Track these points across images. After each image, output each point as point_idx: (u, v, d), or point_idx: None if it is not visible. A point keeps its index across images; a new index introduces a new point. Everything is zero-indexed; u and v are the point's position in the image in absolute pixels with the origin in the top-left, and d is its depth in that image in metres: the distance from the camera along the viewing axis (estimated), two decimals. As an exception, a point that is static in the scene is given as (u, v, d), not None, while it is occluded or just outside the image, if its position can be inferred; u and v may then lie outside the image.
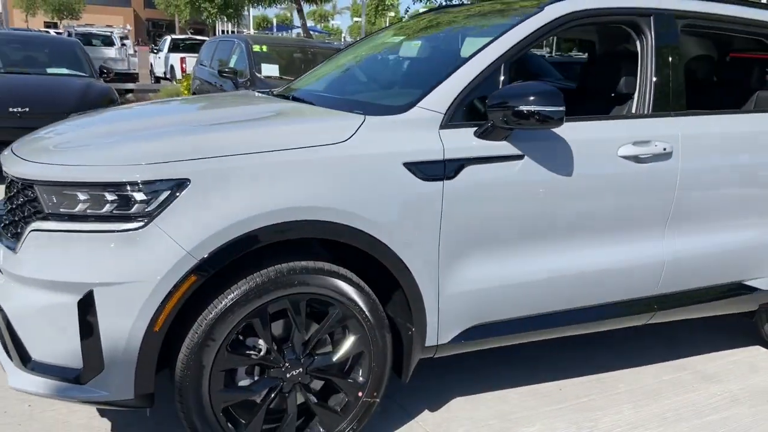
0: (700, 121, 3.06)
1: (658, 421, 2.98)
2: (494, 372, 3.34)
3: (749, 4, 3.35)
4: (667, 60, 3.01)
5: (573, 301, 2.89)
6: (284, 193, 2.25)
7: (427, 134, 2.50)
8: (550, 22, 2.81)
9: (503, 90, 2.55)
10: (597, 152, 2.79)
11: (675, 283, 3.09)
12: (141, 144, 2.33)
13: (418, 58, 3.27)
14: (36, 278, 2.14)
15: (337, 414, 2.52)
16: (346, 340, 2.49)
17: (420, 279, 2.51)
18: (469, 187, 2.54)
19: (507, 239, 2.67)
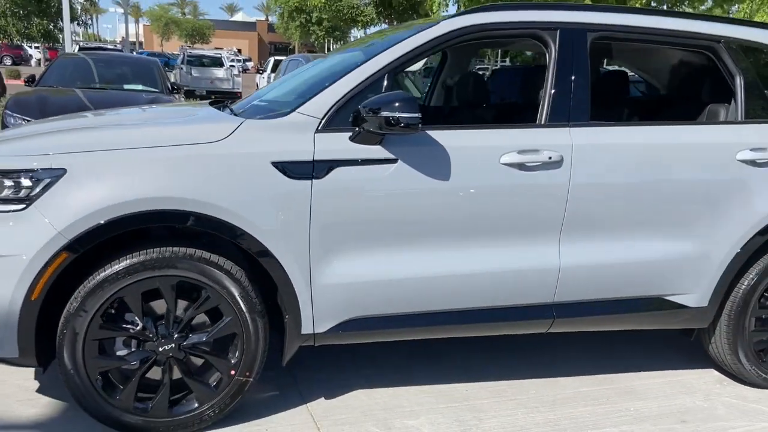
0: (601, 133, 3.09)
1: (548, 427, 3.01)
2: (405, 369, 3.47)
3: (670, 14, 3.33)
4: (570, 72, 3.07)
5: (458, 302, 2.99)
6: (151, 184, 2.56)
7: (301, 137, 2.73)
8: (442, 35, 2.97)
9: (372, 98, 2.74)
10: (477, 159, 2.90)
11: (574, 292, 3.11)
12: (41, 139, 2.73)
13: (326, 70, 3.49)
14: None
15: (210, 389, 2.78)
16: (219, 322, 2.74)
17: (290, 270, 2.74)
18: (340, 187, 2.74)
19: (381, 238, 2.84)
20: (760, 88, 3.32)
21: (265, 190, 2.67)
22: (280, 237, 2.70)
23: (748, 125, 3.29)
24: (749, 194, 3.21)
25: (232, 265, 2.71)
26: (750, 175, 3.20)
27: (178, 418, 2.75)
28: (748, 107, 3.29)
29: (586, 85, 3.10)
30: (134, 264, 2.57)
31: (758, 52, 3.39)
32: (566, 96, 3.06)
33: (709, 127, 3.33)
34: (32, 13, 17.72)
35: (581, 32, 3.13)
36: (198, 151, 2.63)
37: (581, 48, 3.11)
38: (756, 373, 3.43)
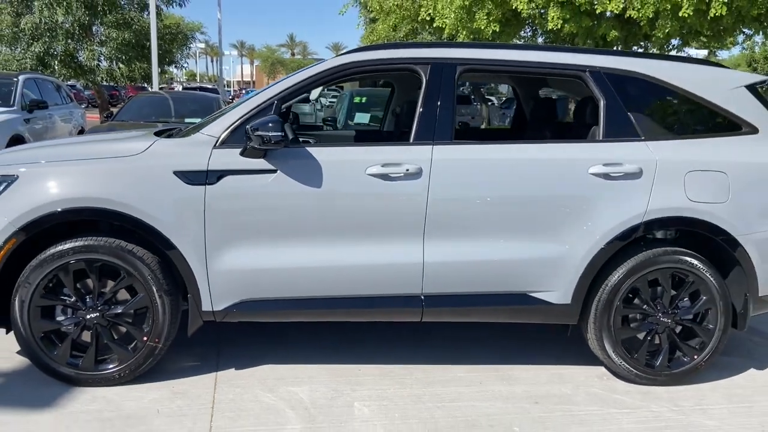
0: (461, 149, 3.62)
1: (410, 399, 3.52)
2: (322, 351, 4.07)
3: (539, 47, 3.83)
4: (436, 99, 3.64)
5: (336, 290, 3.59)
6: (81, 187, 3.37)
7: (200, 151, 3.47)
8: (327, 70, 3.65)
9: (255, 121, 3.43)
10: (346, 171, 3.52)
11: (440, 285, 3.62)
12: (12, 154, 3.62)
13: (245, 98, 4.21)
14: None
15: (128, 351, 3.52)
16: (134, 298, 3.49)
17: (189, 257, 3.46)
18: (228, 192, 3.45)
19: (264, 235, 3.50)
20: (619, 110, 3.73)
21: (167, 194, 3.41)
22: (179, 231, 3.42)
23: (603, 143, 3.71)
24: (603, 203, 3.62)
25: (144, 252, 3.46)
26: (603, 187, 3.61)
27: (102, 373, 3.51)
28: (607, 127, 3.72)
29: (451, 110, 3.65)
30: (66, 249, 3.38)
31: (621, 79, 3.80)
32: (431, 119, 3.62)
33: (565, 145, 3.78)
34: (134, 58, 19.82)
35: (451, 66, 3.70)
36: (121, 163, 3.43)
37: (449, 79, 3.68)
38: (625, 368, 3.77)
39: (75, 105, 13.59)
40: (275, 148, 3.40)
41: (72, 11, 18.07)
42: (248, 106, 3.57)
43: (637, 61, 3.87)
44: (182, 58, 24.33)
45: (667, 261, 3.69)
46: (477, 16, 9.99)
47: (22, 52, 19.02)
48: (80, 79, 20.55)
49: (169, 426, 3.16)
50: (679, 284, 3.77)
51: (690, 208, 3.64)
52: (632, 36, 10.47)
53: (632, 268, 3.67)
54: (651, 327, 3.78)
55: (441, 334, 4.43)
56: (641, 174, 3.63)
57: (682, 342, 3.81)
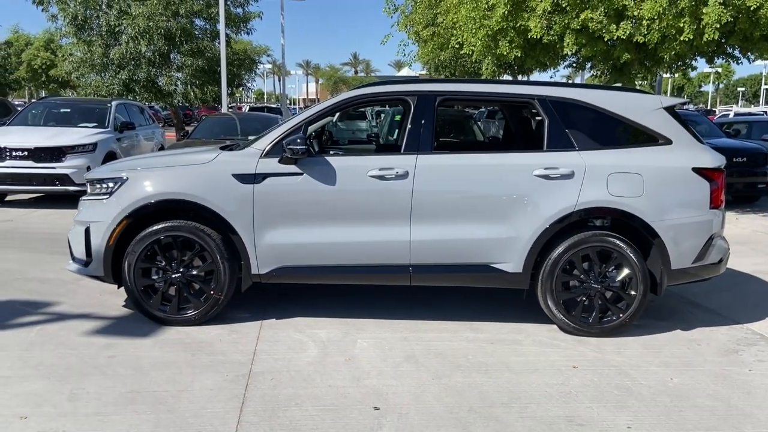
0: (439, 157, 4.96)
1: (397, 341, 4.85)
2: (346, 309, 5.45)
3: (501, 82, 5.14)
4: (420, 120, 5.00)
5: (348, 260, 4.97)
6: (171, 186, 4.89)
7: (251, 160, 4.94)
8: (342, 101, 5.07)
9: (289, 138, 4.87)
10: (353, 173, 4.92)
11: (422, 257, 4.95)
12: (119, 164, 5.20)
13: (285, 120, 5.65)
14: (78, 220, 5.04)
15: (200, 301, 5.00)
16: (205, 263, 4.97)
17: (243, 234, 4.92)
18: (270, 189, 4.89)
19: (296, 219, 4.92)
20: (559, 127, 4.99)
21: (228, 190, 4.88)
22: (236, 217, 4.88)
23: (546, 152, 4.97)
24: (544, 197, 4.88)
25: (212, 231, 4.94)
26: (544, 185, 4.87)
27: (183, 316, 5.00)
28: (549, 140, 4.99)
29: (431, 128, 5.01)
30: (158, 228, 4.89)
31: (562, 104, 5.05)
32: (416, 135, 4.98)
33: (517, 154, 5.07)
34: (207, 82, 21.86)
35: (432, 97, 5.06)
36: (200, 168, 4.93)
37: (430, 106, 5.04)
38: (565, 323, 5.00)
39: (156, 125, 15.54)
40: (301, 157, 4.82)
41: (153, 42, 20.24)
42: (285, 128, 5.02)
43: (574, 91, 5.13)
44: (249, 80, 26.32)
45: (595, 240, 4.91)
46: (501, 43, 11.24)
47: (110, 79, 21.31)
48: (159, 102, 22.75)
49: (227, 348, 4.60)
50: (607, 259, 4.97)
51: (610, 201, 4.85)
52: (647, 57, 11.49)
53: (569, 245, 4.91)
54: (585, 291, 4.99)
55: (427, 298, 5.73)
56: (573, 175, 4.87)
57: (611, 304, 5.00)
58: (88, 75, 21.42)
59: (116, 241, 4.92)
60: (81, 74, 21.63)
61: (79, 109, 12.82)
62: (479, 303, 5.75)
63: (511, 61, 11.74)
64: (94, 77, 21.57)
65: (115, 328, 4.93)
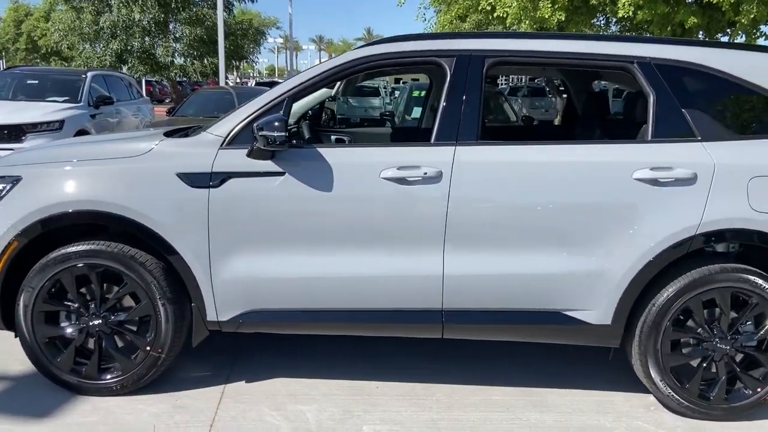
0: (487, 151, 3.27)
1: (425, 425, 3.22)
2: (343, 364, 3.81)
3: (581, 37, 3.42)
4: (461, 95, 3.30)
5: (348, 302, 3.31)
6: (83, 190, 3.23)
7: (206, 153, 3.27)
8: (342, 65, 3.37)
9: (262, 119, 3.19)
10: (358, 174, 3.24)
11: (461, 299, 3.28)
12: (21, 154, 3.53)
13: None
14: None
15: (131, 361, 3.37)
16: (137, 305, 3.33)
17: (192, 264, 3.26)
18: (234, 196, 3.23)
19: (271, 241, 3.26)
20: (672, 106, 3.28)
21: (169, 197, 3.23)
22: (181, 236, 3.23)
23: (651, 144, 3.26)
24: (649, 213, 3.19)
25: (147, 258, 3.29)
26: (650, 194, 3.18)
27: (104, 382, 3.37)
28: (657, 126, 3.28)
29: (478, 106, 3.30)
30: (68, 253, 3.25)
31: (676, 70, 3.34)
32: (453, 116, 3.29)
33: (608, 146, 3.35)
34: (206, 53, 20.18)
35: (478, 58, 3.35)
36: (123, 164, 3.27)
37: (476, 72, 3.33)
38: (674, 399, 3.33)
39: (144, 100, 13.88)
40: (281, 149, 3.15)
41: (147, 8, 18.52)
42: (257, 104, 3.34)
43: (694, 50, 3.40)
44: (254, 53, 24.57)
45: (726, 279, 3.22)
46: (541, 4, 9.44)
47: (102, 50, 19.68)
48: (156, 75, 21.11)
49: (161, 444, 2.98)
50: (741, 306, 3.29)
51: (753, 219, 3.15)
52: (714, 23, 9.64)
53: (684, 286, 3.22)
54: (706, 353, 3.31)
55: (471, 350, 4.08)
56: (696, 179, 3.17)
57: (744, 372, 3.33)
58: (79, 44, 19.77)
59: (5, 269, 3.29)
60: (71, 44, 19.99)
61: (49, 81, 11.19)
62: (542, 358, 4.06)
63: (552, 26, 10.01)
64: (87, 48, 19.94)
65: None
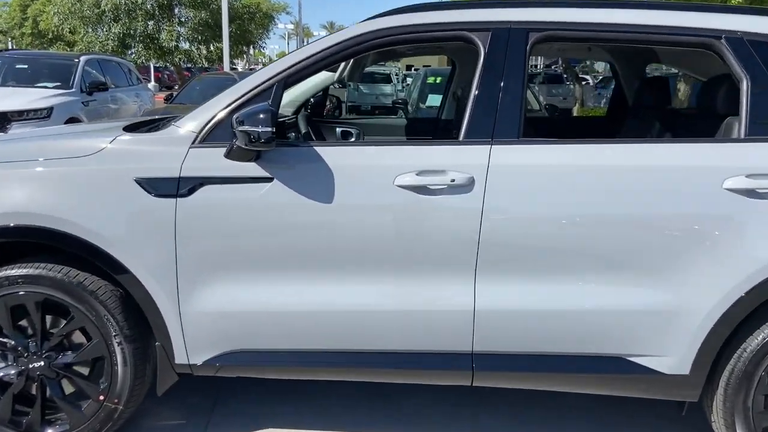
0: (532, 152, 2.54)
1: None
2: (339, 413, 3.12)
3: (654, 6, 2.67)
4: (498, 79, 2.57)
5: (352, 342, 2.61)
6: (17, 199, 2.54)
7: (173, 152, 2.56)
8: (345, 41, 2.64)
9: (244, 110, 2.48)
10: (366, 180, 2.52)
11: (497, 340, 2.58)
12: None
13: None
14: None
15: (80, 412, 2.68)
16: (88, 344, 2.64)
17: (156, 294, 2.57)
18: (207, 207, 2.53)
19: (259, 264, 2.56)
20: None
21: (126, 208, 2.53)
22: (142, 259, 2.54)
23: (745, 144, 2.52)
24: (746, 232, 2.46)
25: (100, 286, 2.60)
26: (746, 207, 2.45)
27: (48, 438, 2.69)
28: (753, 120, 2.53)
29: (520, 95, 2.57)
30: (0, 278, 2.56)
31: (776, 48, 2.59)
32: (491, 108, 2.56)
33: (687, 146, 2.60)
34: (211, 38, 19.45)
35: (520, 32, 2.61)
36: (60, 168, 2.56)
37: (518, 51, 2.59)
38: (766, 468, 2.61)
39: (143, 87, 13.20)
40: (266, 148, 2.43)
41: (150, -11, 17.82)
42: (239, 90, 2.63)
43: (800, 22, 2.64)
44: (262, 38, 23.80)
45: (843, 319, 2.49)
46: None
47: (105, 34, 19.00)
48: (160, 61, 20.41)
49: None
50: None
51: None
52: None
53: (787, 326, 2.50)
54: (808, 411, 2.59)
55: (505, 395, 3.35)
56: (807, 190, 2.43)
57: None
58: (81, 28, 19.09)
59: None
60: (72, 27, 19.32)
61: (40, 66, 10.53)
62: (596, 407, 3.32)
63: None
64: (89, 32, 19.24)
65: None
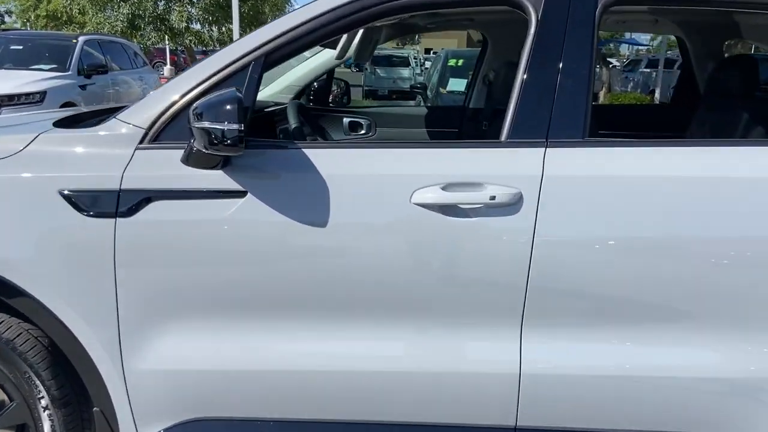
0: (605, 157, 1.84)
1: None
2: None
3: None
4: (556, 59, 1.87)
5: (355, 411, 1.95)
6: None
7: (111, 155, 1.89)
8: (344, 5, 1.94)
9: (204, 99, 1.80)
10: (372, 196, 1.84)
11: (550, 413, 1.90)
12: None
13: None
14: None
15: (-1, 494, 2.05)
16: (6, 407, 2.01)
17: (91, 345, 1.92)
18: (157, 230, 1.86)
19: (228, 307, 1.91)
20: None
21: (50, 233, 1.87)
22: (72, 300, 1.88)
23: None
24: None
25: (19, 334, 1.95)
26: None
27: None
28: None
29: (585, 79, 1.87)
30: None
31: None
32: (546, 98, 1.86)
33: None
34: (223, 19, 18.80)
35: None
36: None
37: (584, 20, 1.89)
38: None
39: (148, 69, 12.59)
40: (234, 152, 1.75)
41: (160, -31, 17.19)
42: (203, 71, 1.95)
43: None
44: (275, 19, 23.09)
45: None
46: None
47: (114, 15, 18.43)
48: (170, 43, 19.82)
49: None
50: None
51: None
52: None
53: None
54: None
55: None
56: None
57: None
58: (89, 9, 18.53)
59: None
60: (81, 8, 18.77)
61: (36, 47, 9.91)
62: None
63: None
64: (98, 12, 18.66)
65: None
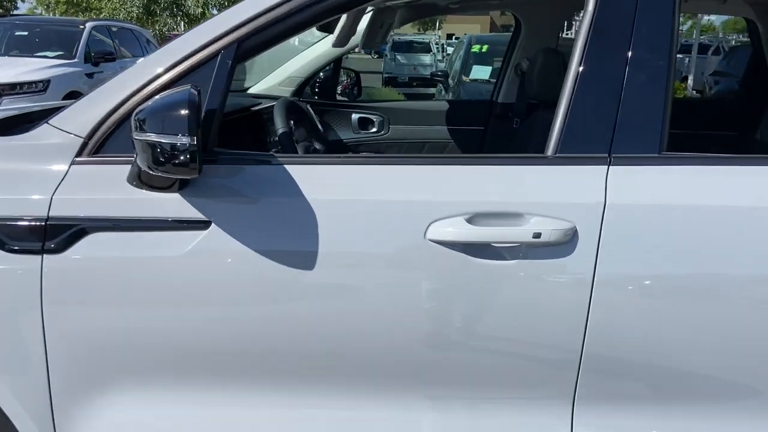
0: (691, 178, 1.37)
1: None
2: None
3: None
4: (623, 48, 1.40)
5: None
6: None
7: (39, 171, 1.47)
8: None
9: (150, 102, 1.36)
10: (374, 230, 1.38)
11: None
12: None
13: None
14: None
15: None
16: None
17: (16, 415, 1.50)
18: (95, 270, 1.43)
19: (191, 372, 1.47)
20: None
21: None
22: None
23: None
24: None
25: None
26: None
27: None
28: None
29: (663, 77, 1.39)
30: None
31: None
32: (609, 100, 1.39)
33: None
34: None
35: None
36: None
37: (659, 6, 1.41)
38: None
39: (160, 57, 12.24)
40: (183, 176, 1.31)
41: (176, -46, 16.84)
42: (158, 63, 1.50)
43: None
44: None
45: None
46: None
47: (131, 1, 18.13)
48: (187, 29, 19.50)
49: None
50: None
51: None
52: None
53: None
54: None
55: None
56: None
57: None
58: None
59: None
60: (97, -7, 18.52)
61: (42, 33, 9.57)
62: None
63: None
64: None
65: None
